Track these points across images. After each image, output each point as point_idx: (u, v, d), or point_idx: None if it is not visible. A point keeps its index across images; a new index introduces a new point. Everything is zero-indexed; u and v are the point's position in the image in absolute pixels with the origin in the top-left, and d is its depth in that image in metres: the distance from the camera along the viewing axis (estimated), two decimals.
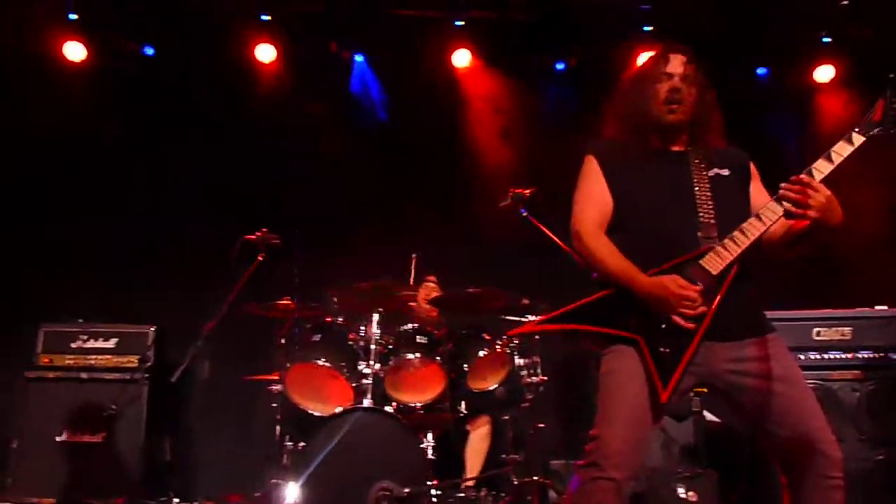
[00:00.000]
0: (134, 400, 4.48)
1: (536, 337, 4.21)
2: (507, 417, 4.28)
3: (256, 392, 4.63)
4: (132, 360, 4.54)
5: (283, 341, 4.02)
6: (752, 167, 2.43)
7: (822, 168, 2.10)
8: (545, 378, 4.19)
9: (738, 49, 5.26)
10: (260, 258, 4.01)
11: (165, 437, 4.78)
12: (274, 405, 4.04)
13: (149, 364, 4.50)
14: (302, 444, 3.78)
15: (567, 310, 2.28)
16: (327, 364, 3.89)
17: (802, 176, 2.09)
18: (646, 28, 5.24)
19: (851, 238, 4.54)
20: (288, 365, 3.93)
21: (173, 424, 4.91)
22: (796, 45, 5.21)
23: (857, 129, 2.11)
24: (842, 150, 2.10)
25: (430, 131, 5.46)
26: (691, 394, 4.20)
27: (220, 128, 5.41)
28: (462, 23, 5.38)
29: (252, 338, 4.66)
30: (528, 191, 3.87)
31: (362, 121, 5.61)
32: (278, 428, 4.00)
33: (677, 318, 2.12)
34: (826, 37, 5.38)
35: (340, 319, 4.05)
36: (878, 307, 4.06)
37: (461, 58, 5.47)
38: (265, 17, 5.29)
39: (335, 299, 4.04)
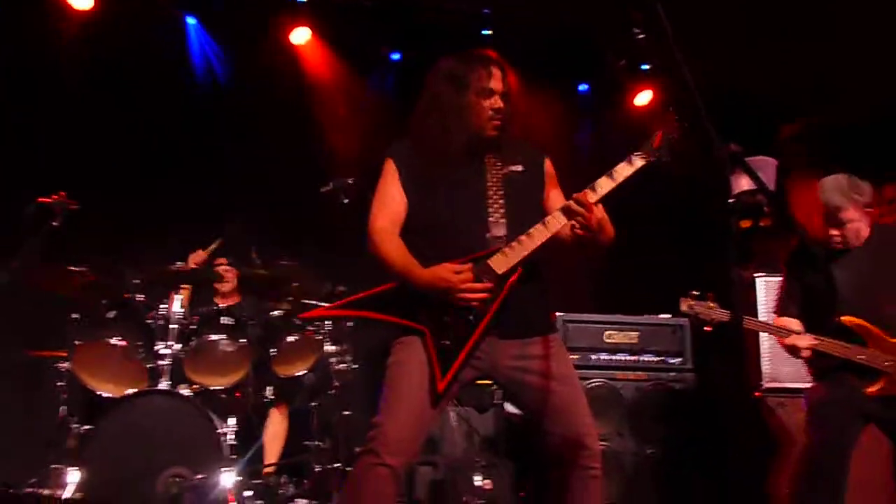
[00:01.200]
0: None
1: (349, 324, 4.22)
2: (313, 404, 4.26)
3: (41, 369, 4.27)
4: None
5: (73, 316, 3.73)
6: (549, 166, 2.55)
7: (603, 185, 2.27)
8: (356, 366, 4.22)
9: (565, 62, 5.54)
10: (54, 223, 3.68)
11: None
12: (60, 384, 3.75)
13: None
14: (87, 426, 3.54)
15: (360, 297, 2.35)
16: (122, 343, 3.64)
17: (585, 193, 2.24)
18: (484, 31, 5.40)
19: (641, 249, 4.97)
20: (77, 342, 3.66)
21: None
22: (617, 68, 5.57)
23: (637, 154, 2.29)
24: (623, 171, 2.29)
25: (263, 105, 5.26)
26: (493, 386, 4.41)
27: (28, 83, 4.87)
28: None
29: (40, 311, 4.26)
30: (350, 179, 3.86)
31: (189, 85, 5.27)
32: (63, 409, 3.73)
33: (463, 295, 2.20)
34: (645, 64, 5.82)
35: (139, 297, 3.81)
36: (661, 315, 4.45)
37: (300, 35, 5.34)
38: None
39: (134, 275, 3.78)
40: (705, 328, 3.05)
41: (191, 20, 5.24)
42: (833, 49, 4.86)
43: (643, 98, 5.95)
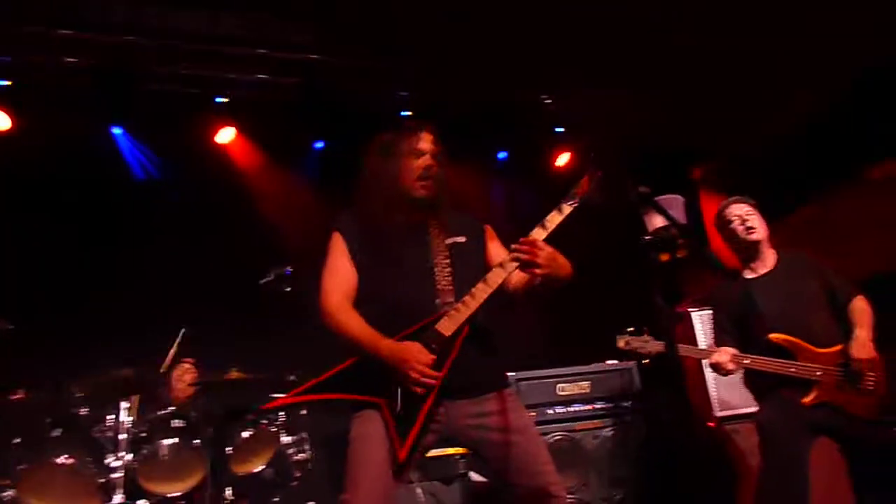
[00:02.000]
0: None
1: (303, 412, 4.19)
2: (276, 500, 4.15)
3: None
4: None
5: (15, 440, 3.59)
6: (489, 230, 2.66)
7: (537, 236, 2.34)
8: (314, 455, 4.16)
9: (483, 133, 5.80)
10: None
11: None
12: None
13: None
14: None
15: (317, 381, 2.36)
16: (70, 461, 3.51)
17: (530, 237, 2.31)
18: (404, 113, 5.62)
19: (575, 298, 5.09)
20: (21, 467, 3.50)
21: None
22: (533, 132, 5.85)
23: (565, 202, 2.38)
24: (553, 220, 2.37)
25: (193, 204, 5.29)
26: (458, 457, 4.39)
27: None
28: (225, 100, 5.38)
29: None
30: (288, 267, 3.90)
31: (119, 192, 5.26)
32: None
33: (413, 374, 2.25)
34: (559, 127, 6.14)
35: (84, 410, 3.70)
36: (609, 361, 4.56)
37: (225, 135, 5.45)
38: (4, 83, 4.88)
39: (77, 389, 3.68)
40: (643, 362, 3.15)
41: (116, 130, 5.27)
42: (728, 91, 5.24)
43: (562, 160, 6.23)
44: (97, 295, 4.78)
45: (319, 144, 5.72)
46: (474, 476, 4.52)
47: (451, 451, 4.34)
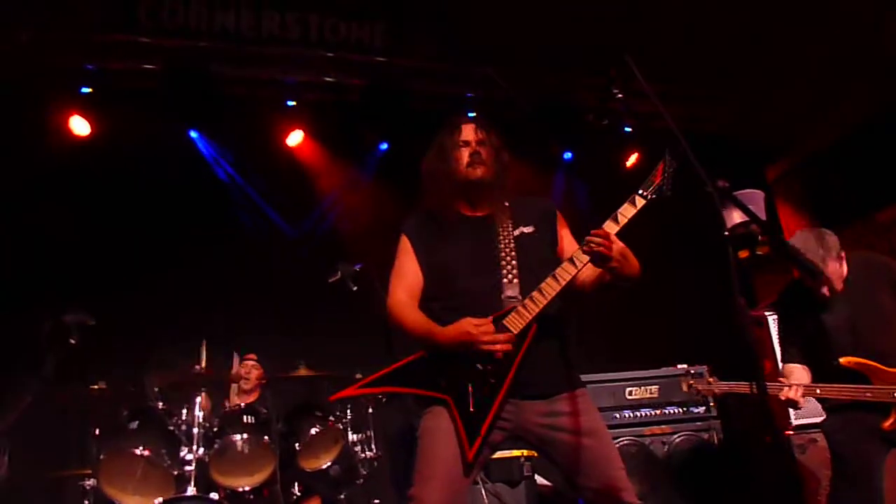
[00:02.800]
0: None
1: (370, 410, 4.22)
2: (342, 496, 4.20)
3: (66, 489, 4.21)
4: None
5: (97, 431, 3.73)
6: (559, 216, 2.59)
7: (609, 229, 2.27)
8: (380, 453, 4.19)
9: (549, 134, 5.73)
10: (72, 340, 3.72)
11: None
12: (86, 502, 3.71)
13: None
14: None
15: (383, 373, 2.36)
16: (146, 452, 3.60)
17: (602, 229, 2.25)
18: (470, 114, 5.61)
19: (656, 303, 4.99)
20: (102, 456, 3.62)
21: None
22: (601, 132, 5.76)
23: (639, 192, 2.32)
24: (626, 212, 2.30)
25: (268, 203, 5.42)
26: (522, 459, 4.35)
27: (35, 202, 5.02)
28: (293, 103, 5.48)
29: (62, 429, 4.24)
30: (356, 266, 3.94)
31: (196, 190, 5.42)
32: None
33: (488, 347, 2.22)
34: (628, 126, 6.02)
35: (160, 404, 3.81)
36: (679, 366, 4.44)
37: (294, 137, 5.55)
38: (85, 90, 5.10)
39: (154, 383, 3.80)
40: (711, 404, 3.03)
41: (193, 134, 5.45)
42: (803, 88, 5.05)
43: (631, 160, 6.12)
44: (175, 293, 4.93)
45: (384, 146, 5.77)
46: (539, 479, 4.47)
47: (516, 452, 4.31)
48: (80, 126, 5.11)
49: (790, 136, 5.62)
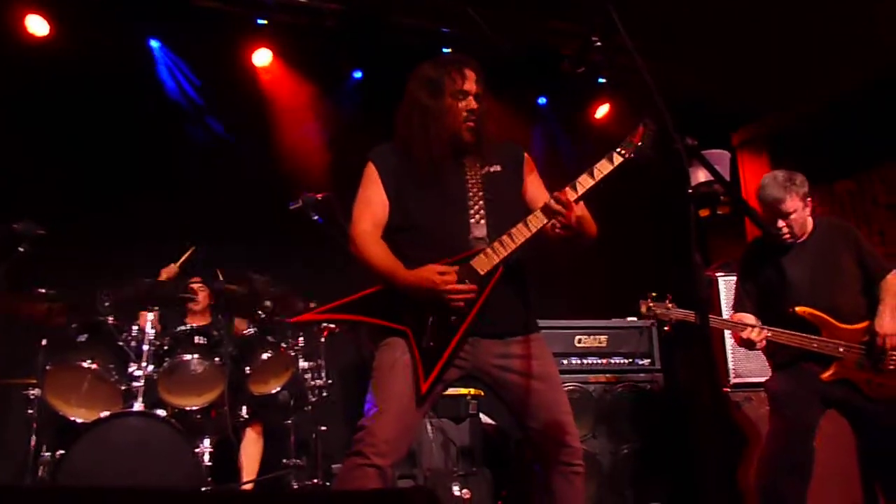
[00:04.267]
0: None
1: (322, 340, 4.25)
2: (289, 422, 4.26)
3: (8, 398, 4.18)
4: None
5: (43, 342, 3.69)
6: (528, 159, 2.59)
7: (584, 182, 2.30)
8: (330, 381, 4.24)
9: (524, 77, 5.68)
10: (20, 249, 3.63)
11: None
12: (30, 412, 3.69)
13: None
14: (60, 452, 3.48)
15: (344, 301, 2.36)
16: (93, 366, 3.60)
17: (566, 191, 2.27)
18: (444, 49, 5.51)
19: (605, 249, 5.06)
20: (48, 367, 3.61)
21: None
22: (572, 81, 5.72)
23: (618, 150, 2.32)
24: (603, 168, 2.31)
25: (229, 123, 5.28)
26: (469, 397, 4.45)
27: None
28: (264, 22, 5.30)
29: (7, 337, 4.18)
30: (319, 195, 3.88)
31: (155, 104, 5.25)
32: (34, 437, 3.66)
33: (448, 297, 2.23)
34: (602, 77, 5.99)
35: (111, 319, 3.77)
36: (629, 318, 4.56)
37: (262, 57, 5.39)
38: None
39: (106, 298, 3.75)
40: (665, 328, 3.12)
41: (154, 43, 5.24)
42: (778, 52, 5.07)
43: (601, 111, 6.11)
44: (130, 204, 4.82)
45: (358, 74, 5.64)
46: (484, 418, 4.60)
47: (463, 390, 4.41)
48: (37, 25, 4.86)
49: (760, 104, 5.68)
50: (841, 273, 3.25)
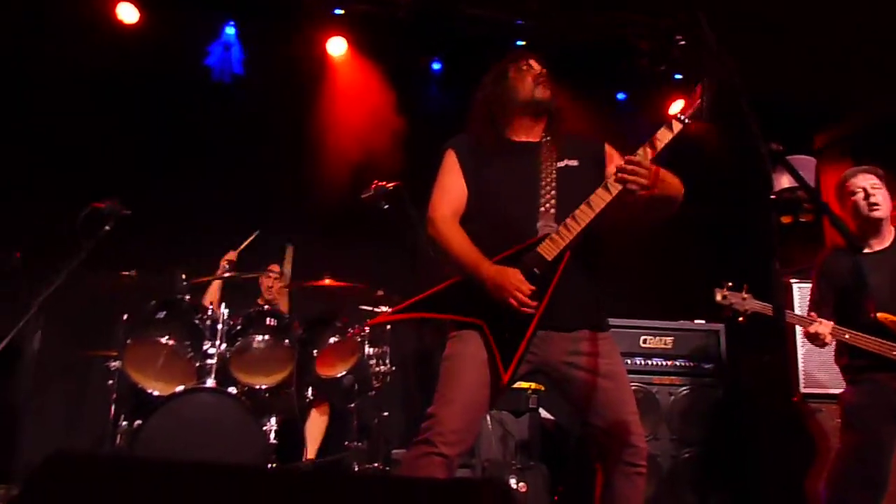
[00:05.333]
0: None
1: (388, 327, 4.31)
2: (352, 405, 4.35)
3: (91, 369, 4.40)
4: None
5: (124, 317, 3.86)
6: (608, 149, 2.55)
7: (644, 155, 2.24)
8: (393, 368, 4.30)
9: (601, 71, 5.60)
10: (107, 228, 3.81)
11: None
12: (110, 383, 3.88)
13: None
14: (137, 422, 3.64)
15: (418, 299, 2.37)
16: (171, 342, 3.74)
17: (636, 155, 2.24)
18: (518, 42, 5.49)
19: (676, 256, 4.97)
20: (128, 341, 3.77)
21: None
22: (649, 76, 5.60)
23: (677, 117, 2.28)
24: (663, 137, 2.28)
25: (295, 115, 5.39)
26: (529, 391, 4.46)
27: (80, 93, 5.03)
28: (341, 11, 5.38)
29: (91, 312, 4.40)
30: (391, 184, 3.93)
31: (233, 91, 5.40)
32: (113, 407, 3.84)
33: (512, 301, 2.24)
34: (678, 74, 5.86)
35: (187, 297, 3.92)
36: (696, 321, 4.47)
37: (336, 46, 5.47)
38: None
39: (183, 277, 3.90)
40: (739, 320, 3.02)
41: (230, 30, 5.38)
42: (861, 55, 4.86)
43: (676, 108, 5.97)
44: (210, 190, 5.00)
45: (437, 66, 5.67)
46: (543, 413, 4.59)
47: (524, 385, 4.42)
48: (127, 13, 5.07)
49: (844, 105, 5.46)
50: None
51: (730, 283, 3.10)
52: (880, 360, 3.01)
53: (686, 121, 2.27)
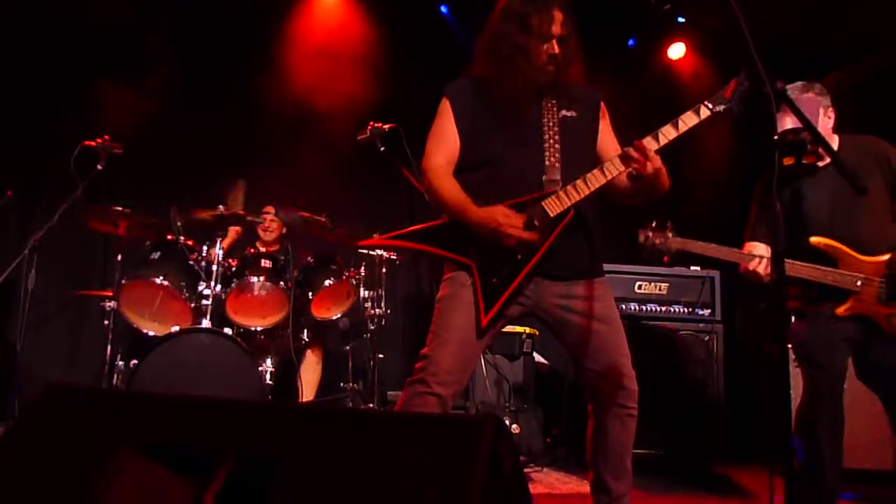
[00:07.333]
0: None
1: (383, 270, 4.31)
2: (348, 348, 4.38)
3: (87, 308, 4.41)
4: None
5: (119, 257, 3.85)
6: (603, 107, 2.52)
7: (667, 133, 2.23)
8: (388, 311, 4.32)
9: (607, 15, 5.46)
10: (99, 167, 3.76)
11: None
12: (106, 323, 3.88)
13: None
14: (133, 362, 3.67)
15: (413, 229, 2.36)
16: (166, 283, 3.74)
17: (645, 141, 2.22)
18: None
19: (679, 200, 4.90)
20: (123, 281, 3.77)
21: None
22: (654, 22, 5.47)
23: (706, 103, 2.25)
24: (688, 120, 2.25)
25: (296, 55, 5.28)
26: (524, 336, 4.49)
27: (72, 33, 4.90)
28: None
29: (86, 252, 4.39)
30: (387, 126, 3.87)
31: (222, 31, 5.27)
32: (109, 347, 3.86)
33: (507, 241, 2.23)
34: (681, 17, 5.72)
35: (182, 238, 3.89)
36: (692, 268, 4.48)
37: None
38: None
39: (178, 219, 3.86)
40: (664, 259, 2.94)
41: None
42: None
43: (676, 51, 5.87)
44: (206, 130, 4.92)
45: (444, 9, 5.54)
46: (538, 357, 4.64)
47: (518, 329, 4.44)
48: None
49: (850, 50, 5.35)
50: (865, 199, 2.89)
51: (653, 223, 2.99)
52: (822, 288, 2.83)
53: (714, 110, 2.24)
